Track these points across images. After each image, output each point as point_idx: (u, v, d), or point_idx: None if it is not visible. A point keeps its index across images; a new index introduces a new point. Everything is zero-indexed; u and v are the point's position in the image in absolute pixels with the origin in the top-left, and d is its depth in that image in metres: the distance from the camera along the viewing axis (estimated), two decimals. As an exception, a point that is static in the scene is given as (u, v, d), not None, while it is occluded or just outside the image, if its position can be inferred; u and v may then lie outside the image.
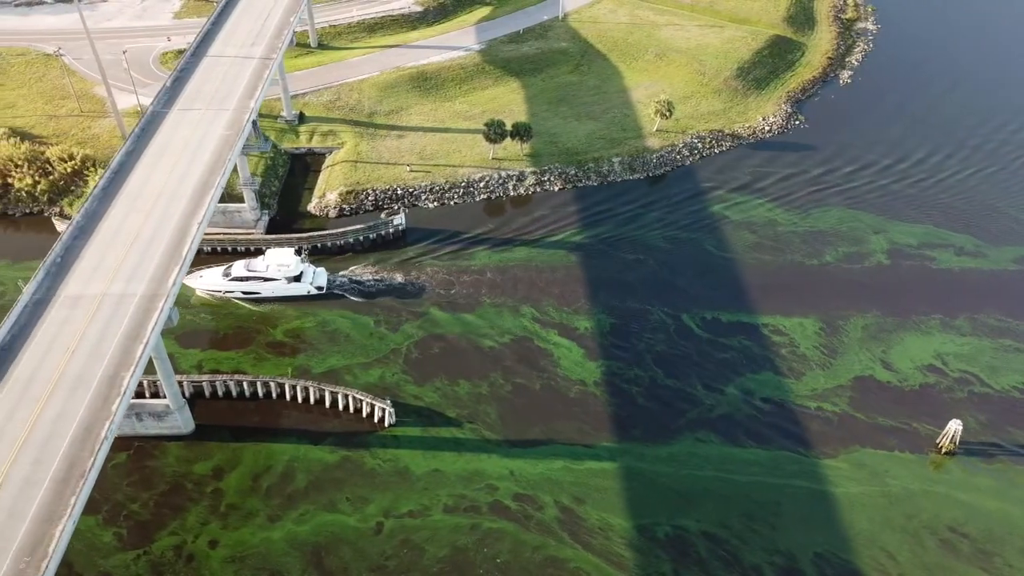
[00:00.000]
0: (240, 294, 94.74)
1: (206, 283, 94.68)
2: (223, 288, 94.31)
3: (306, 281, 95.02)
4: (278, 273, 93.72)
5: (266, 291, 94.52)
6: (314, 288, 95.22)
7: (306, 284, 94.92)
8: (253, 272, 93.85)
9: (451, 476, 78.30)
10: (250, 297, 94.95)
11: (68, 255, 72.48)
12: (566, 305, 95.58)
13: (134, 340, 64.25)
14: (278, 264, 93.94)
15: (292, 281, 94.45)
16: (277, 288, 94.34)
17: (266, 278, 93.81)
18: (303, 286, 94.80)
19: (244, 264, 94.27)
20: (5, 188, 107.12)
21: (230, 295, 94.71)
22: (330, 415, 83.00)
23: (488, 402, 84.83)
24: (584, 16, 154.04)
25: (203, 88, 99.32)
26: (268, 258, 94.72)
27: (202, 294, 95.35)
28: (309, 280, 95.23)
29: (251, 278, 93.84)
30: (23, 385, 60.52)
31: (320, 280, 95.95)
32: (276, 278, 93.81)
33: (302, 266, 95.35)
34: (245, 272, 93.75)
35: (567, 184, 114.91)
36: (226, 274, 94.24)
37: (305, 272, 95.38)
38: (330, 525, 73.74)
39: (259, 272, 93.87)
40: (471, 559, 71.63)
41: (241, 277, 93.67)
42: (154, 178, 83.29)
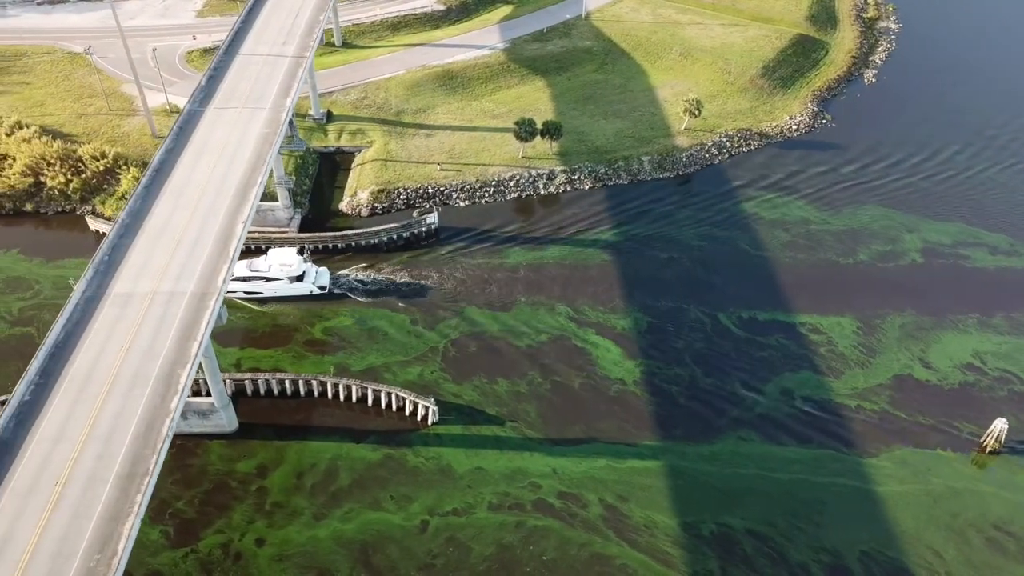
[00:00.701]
0: (243, 294, 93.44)
1: None
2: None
3: (308, 281, 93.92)
4: (280, 273, 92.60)
5: (268, 291, 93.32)
6: (316, 288, 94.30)
7: (308, 284, 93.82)
8: (255, 272, 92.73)
9: (494, 474, 78.37)
10: (252, 297, 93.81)
11: (115, 253, 72.52)
12: (602, 304, 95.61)
13: (187, 338, 64.33)
14: (280, 264, 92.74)
15: (295, 281, 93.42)
16: (279, 288, 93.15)
17: (268, 278, 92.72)
18: (305, 286, 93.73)
19: (246, 264, 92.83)
20: (38, 186, 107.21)
21: (232, 295, 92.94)
22: (371, 413, 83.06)
23: (527, 400, 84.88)
24: (607, 15, 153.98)
25: (238, 86, 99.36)
26: (270, 258, 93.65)
27: None
28: (311, 280, 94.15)
29: (253, 278, 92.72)
30: (80, 382, 60.61)
31: (323, 280, 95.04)
32: (278, 278, 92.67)
33: (304, 266, 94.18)
34: (247, 272, 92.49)
35: (597, 183, 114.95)
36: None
37: (307, 272, 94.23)
38: (375, 523, 73.82)
39: (261, 272, 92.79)
40: (517, 557, 71.71)
41: (243, 277, 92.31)
42: (196, 176, 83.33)
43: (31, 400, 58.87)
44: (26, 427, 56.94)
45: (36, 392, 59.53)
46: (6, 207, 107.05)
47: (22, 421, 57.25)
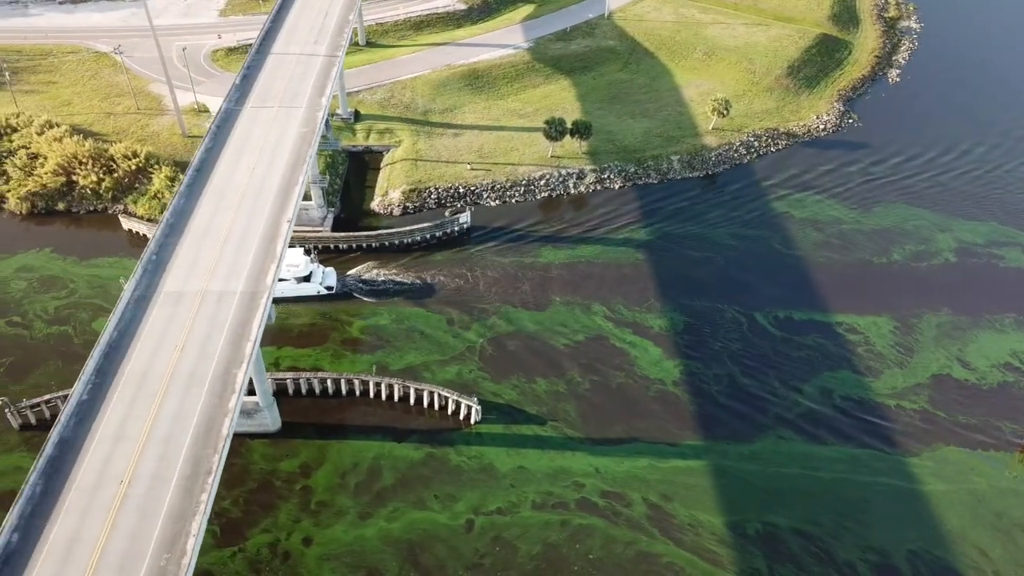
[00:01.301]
0: None
1: None
2: None
3: (315, 281, 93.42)
4: (287, 273, 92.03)
5: (276, 291, 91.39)
6: (323, 288, 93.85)
7: (316, 284, 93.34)
8: None
9: (536, 473, 78.38)
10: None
11: (163, 252, 72.58)
12: (637, 303, 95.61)
13: (241, 337, 64.38)
14: (288, 264, 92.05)
15: (302, 281, 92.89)
16: (287, 288, 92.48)
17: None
18: (313, 286, 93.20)
19: None
20: (70, 185, 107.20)
21: None
22: (412, 412, 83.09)
23: (567, 400, 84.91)
24: (629, 14, 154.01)
25: (273, 85, 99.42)
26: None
27: None
28: (319, 280, 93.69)
29: None
30: (137, 382, 60.64)
31: (330, 280, 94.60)
32: (286, 278, 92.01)
33: (312, 266, 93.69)
34: None
35: (627, 182, 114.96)
36: None
37: (314, 272, 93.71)
38: (421, 523, 73.83)
39: None
40: (564, 555, 71.74)
41: None
42: (237, 175, 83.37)
43: (89, 399, 58.89)
44: (86, 425, 56.98)
45: (94, 391, 59.54)
46: (38, 206, 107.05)
47: (82, 420, 57.29)
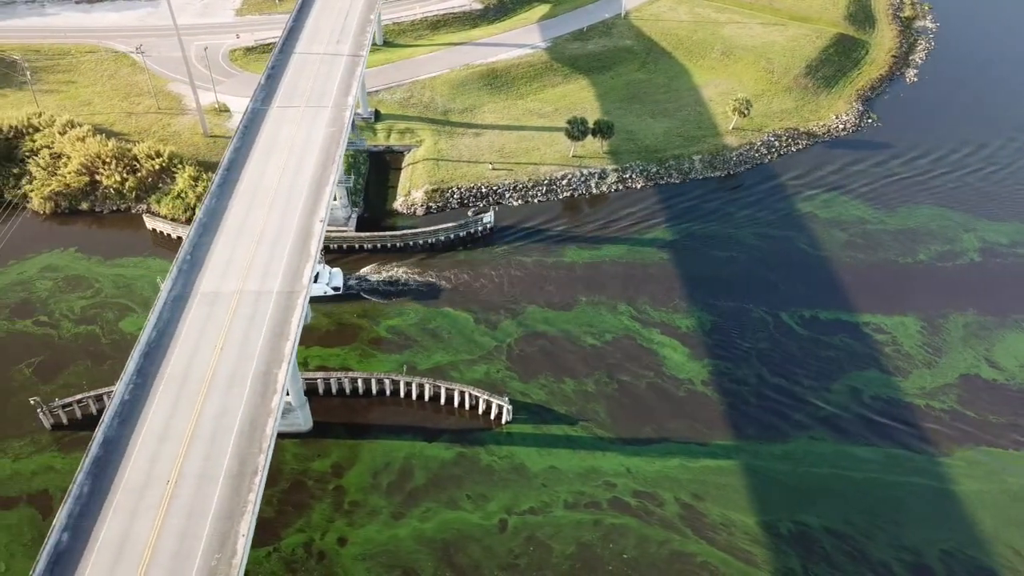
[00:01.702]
0: None
1: None
2: None
3: (323, 282, 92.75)
4: None
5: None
6: (331, 289, 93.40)
7: (323, 285, 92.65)
8: None
9: (568, 473, 78.42)
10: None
11: (197, 252, 72.63)
12: (663, 303, 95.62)
13: (279, 336, 64.43)
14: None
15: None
16: None
17: None
18: (319, 287, 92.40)
19: None
20: (93, 185, 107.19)
21: None
22: (443, 412, 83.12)
23: (596, 400, 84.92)
24: (645, 14, 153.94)
25: (298, 85, 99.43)
26: None
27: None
28: (325, 281, 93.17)
29: None
30: (178, 381, 60.68)
31: (336, 281, 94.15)
32: None
33: (318, 267, 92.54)
34: None
35: (649, 182, 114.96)
36: None
37: (321, 273, 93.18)
38: (454, 523, 73.86)
39: None
40: (598, 555, 71.77)
41: None
42: (267, 175, 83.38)
43: (131, 399, 58.93)
44: (130, 425, 57.00)
45: (136, 391, 59.56)
46: (62, 205, 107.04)
47: (125, 419, 57.31)
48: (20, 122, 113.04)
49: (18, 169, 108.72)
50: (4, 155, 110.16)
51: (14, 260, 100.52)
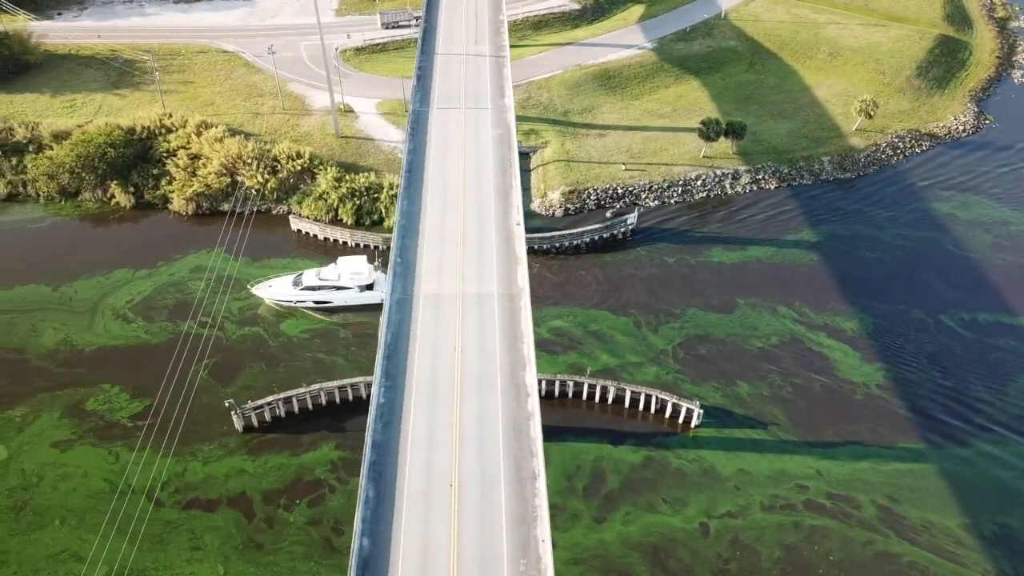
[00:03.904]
0: (311, 303, 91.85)
1: (276, 293, 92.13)
2: (294, 298, 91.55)
3: (378, 289, 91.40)
4: (351, 282, 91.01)
5: (338, 300, 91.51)
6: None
7: (378, 292, 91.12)
8: (325, 281, 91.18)
9: (759, 476, 78.13)
10: (321, 307, 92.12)
11: (405, 255, 72.50)
12: (822, 305, 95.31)
13: (514, 339, 64.22)
14: (351, 272, 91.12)
15: (364, 289, 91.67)
16: (349, 297, 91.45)
17: (338, 287, 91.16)
18: (376, 294, 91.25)
19: (315, 273, 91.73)
20: (234, 185, 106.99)
21: (301, 304, 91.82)
22: (625, 414, 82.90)
23: (772, 403, 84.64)
24: (744, 14, 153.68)
25: (450, 87, 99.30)
26: (340, 266, 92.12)
27: (271, 304, 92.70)
28: (381, 288, 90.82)
29: (323, 287, 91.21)
30: (428, 385, 60.50)
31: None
32: (349, 287, 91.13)
33: (375, 274, 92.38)
34: (317, 281, 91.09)
35: (782, 183, 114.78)
36: (296, 283, 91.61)
37: (377, 280, 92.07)
38: (656, 526, 73.60)
39: (331, 281, 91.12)
40: (805, 558, 71.50)
41: (313, 286, 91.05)
42: (448, 177, 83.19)
43: (387, 403, 58.74)
44: (393, 429, 56.87)
45: (388, 394, 59.39)
46: (203, 206, 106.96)
47: (388, 423, 57.17)
48: (152, 123, 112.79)
49: (156, 170, 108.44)
50: (140, 156, 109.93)
51: (162, 261, 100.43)
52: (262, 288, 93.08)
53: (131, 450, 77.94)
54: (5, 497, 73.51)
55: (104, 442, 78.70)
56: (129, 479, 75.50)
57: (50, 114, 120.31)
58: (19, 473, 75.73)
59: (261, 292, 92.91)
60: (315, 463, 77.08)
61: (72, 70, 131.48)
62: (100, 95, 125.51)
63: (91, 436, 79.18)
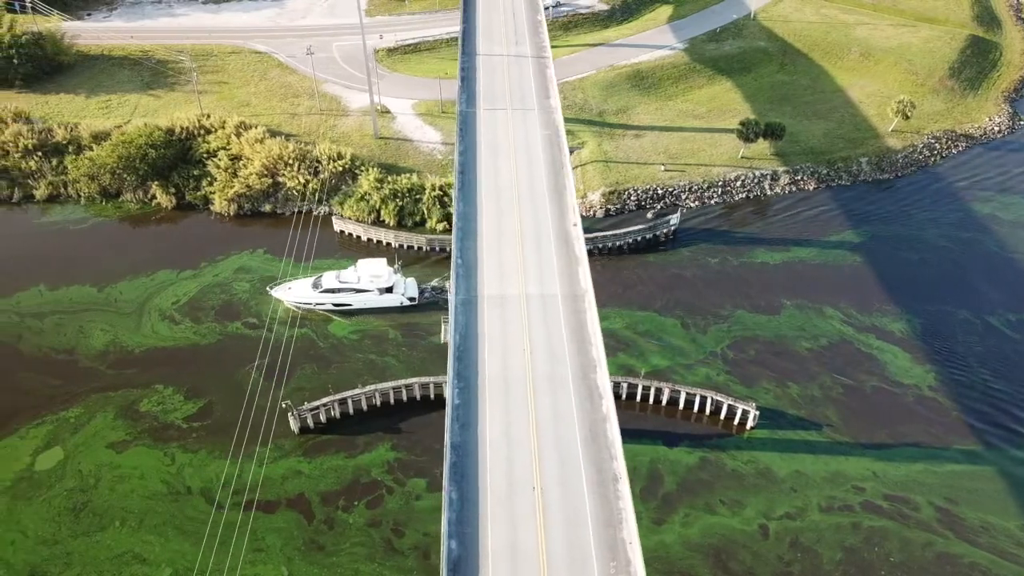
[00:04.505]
0: (331, 306, 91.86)
1: (295, 295, 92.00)
2: (313, 300, 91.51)
3: (398, 292, 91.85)
4: (371, 284, 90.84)
5: (358, 303, 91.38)
6: (406, 299, 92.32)
7: (398, 295, 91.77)
8: (345, 283, 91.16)
9: (814, 477, 77.94)
10: (341, 309, 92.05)
11: (465, 256, 72.30)
12: (868, 307, 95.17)
13: (582, 340, 64.11)
14: (371, 275, 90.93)
15: (384, 292, 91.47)
16: (369, 300, 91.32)
17: (358, 289, 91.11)
18: (395, 297, 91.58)
19: (335, 275, 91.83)
20: (275, 186, 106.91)
21: (320, 307, 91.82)
22: (678, 416, 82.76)
23: (824, 404, 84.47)
24: (772, 15, 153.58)
25: (493, 88, 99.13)
26: (360, 269, 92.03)
27: (290, 306, 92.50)
28: (401, 291, 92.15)
29: (343, 290, 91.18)
30: (500, 386, 60.33)
31: (412, 291, 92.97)
32: (368, 289, 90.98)
33: (395, 277, 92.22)
34: (336, 283, 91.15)
35: (820, 183, 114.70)
36: (316, 285, 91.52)
37: (397, 283, 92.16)
38: (716, 528, 73.43)
39: (351, 283, 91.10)
40: (866, 559, 71.30)
41: (332, 289, 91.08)
42: (501, 178, 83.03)
43: (461, 404, 58.59)
44: (470, 431, 56.68)
45: (462, 395, 59.24)
46: (244, 207, 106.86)
47: (464, 425, 56.99)
48: (191, 124, 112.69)
49: (197, 171, 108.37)
50: (180, 157, 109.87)
51: (205, 262, 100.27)
52: (281, 290, 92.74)
53: (186, 451, 77.92)
54: (64, 498, 73.39)
55: (159, 443, 78.58)
56: (186, 480, 75.56)
57: (86, 115, 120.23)
58: (76, 474, 75.63)
59: (280, 294, 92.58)
60: (371, 464, 76.99)
61: (105, 71, 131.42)
62: (135, 96, 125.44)
63: (146, 437, 79.07)
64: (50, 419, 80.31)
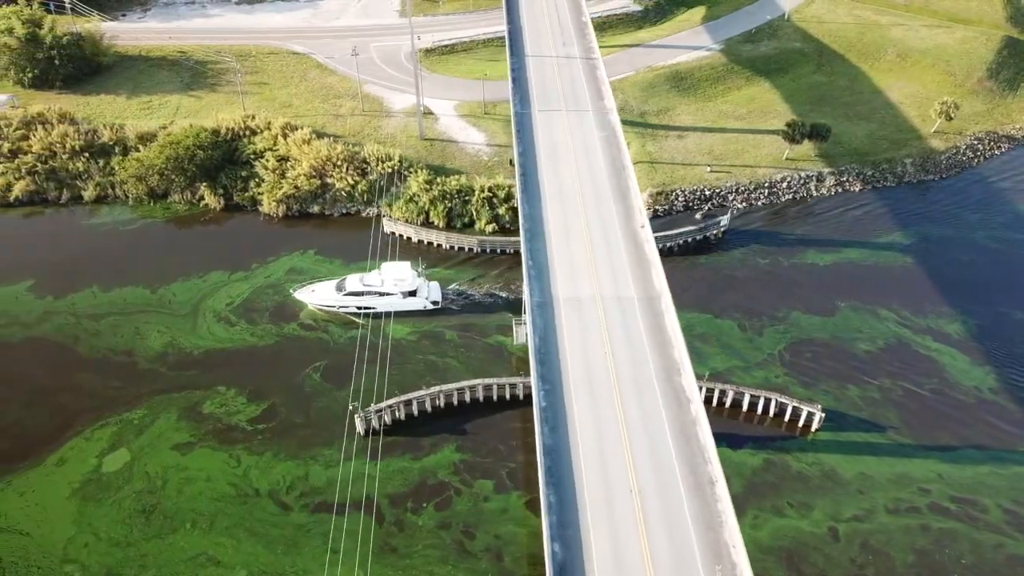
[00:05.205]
0: (354, 309, 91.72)
1: (319, 298, 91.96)
2: (337, 303, 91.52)
3: (422, 296, 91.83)
4: (394, 288, 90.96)
5: (382, 306, 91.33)
6: (430, 303, 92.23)
7: (422, 299, 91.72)
8: (368, 286, 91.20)
9: (880, 479, 77.80)
10: (364, 312, 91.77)
11: (536, 258, 72.24)
12: (921, 308, 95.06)
13: (663, 343, 63.99)
14: (395, 279, 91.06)
15: (408, 296, 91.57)
16: (393, 303, 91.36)
17: (382, 292, 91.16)
18: (419, 301, 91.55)
19: (359, 278, 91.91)
20: (323, 188, 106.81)
21: (344, 310, 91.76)
22: (740, 418, 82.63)
23: (885, 406, 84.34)
24: (806, 15, 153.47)
25: (546, 89, 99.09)
26: (384, 272, 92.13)
27: (314, 309, 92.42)
28: (424, 295, 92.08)
29: (367, 293, 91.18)
30: (586, 388, 60.30)
31: (435, 295, 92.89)
32: (392, 293, 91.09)
33: (419, 281, 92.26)
34: (360, 287, 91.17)
35: (865, 185, 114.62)
36: (339, 288, 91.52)
37: (420, 287, 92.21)
38: (786, 530, 73.32)
39: (375, 287, 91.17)
40: (938, 561, 71.15)
41: (356, 292, 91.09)
42: (563, 180, 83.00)
43: (548, 406, 58.52)
44: (560, 433, 56.62)
45: (548, 398, 59.16)
46: (293, 208, 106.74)
47: (554, 428, 56.93)
48: (236, 124, 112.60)
49: (244, 172, 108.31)
50: (227, 158, 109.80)
51: (256, 263, 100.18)
52: (305, 292, 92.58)
53: (251, 453, 77.79)
54: (134, 501, 73.30)
55: (224, 445, 78.48)
56: (253, 482, 75.42)
57: (128, 116, 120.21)
58: (144, 476, 75.53)
59: (304, 296, 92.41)
60: (437, 466, 76.88)
61: (144, 71, 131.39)
62: (175, 96, 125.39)
63: (210, 439, 78.97)
64: (114, 420, 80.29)
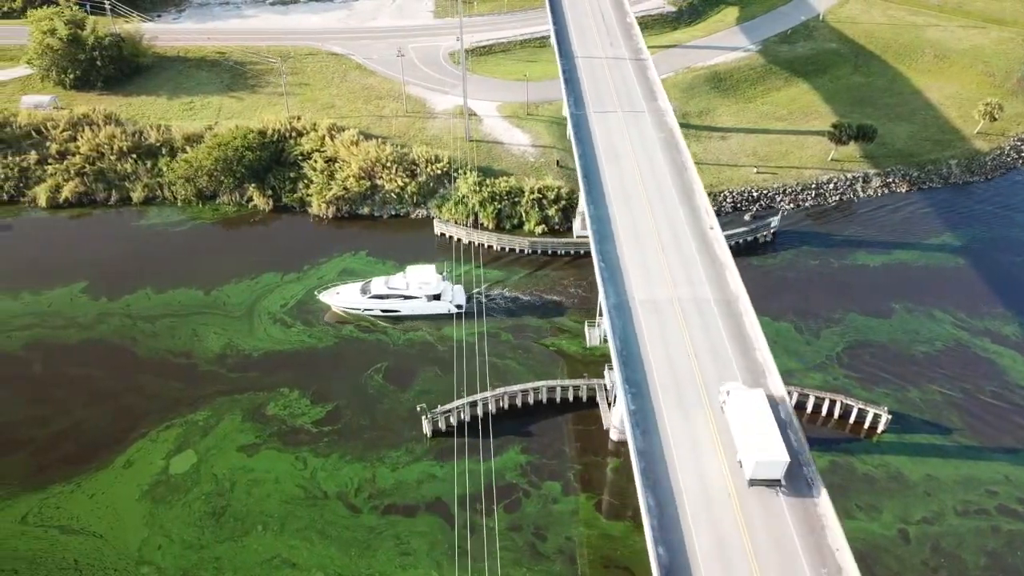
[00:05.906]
0: (379, 312, 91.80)
1: (343, 300, 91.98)
2: (362, 306, 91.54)
3: (446, 299, 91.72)
4: (419, 291, 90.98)
5: (406, 309, 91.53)
6: (454, 307, 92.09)
7: (446, 302, 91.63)
8: (393, 290, 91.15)
9: (946, 482, 77.67)
10: (389, 315, 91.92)
11: (607, 259, 72.12)
12: (977, 310, 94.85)
13: (745, 346, 63.90)
14: (419, 282, 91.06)
15: (432, 299, 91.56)
16: (417, 306, 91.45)
17: (407, 296, 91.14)
18: (443, 304, 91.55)
19: (384, 281, 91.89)
20: (373, 189, 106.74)
21: (369, 313, 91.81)
22: (804, 419, 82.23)
23: (947, 408, 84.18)
24: (841, 16, 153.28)
25: (599, 90, 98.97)
26: (408, 276, 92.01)
27: (338, 311, 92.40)
28: (449, 298, 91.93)
29: (391, 296, 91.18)
30: (673, 390, 60.18)
31: (460, 298, 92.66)
32: (417, 296, 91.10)
33: (443, 284, 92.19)
34: (385, 290, 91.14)
35: (912, 186, 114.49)
36: (364, 291, 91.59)
37: (445, 290, 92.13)
38: (856, 532, 72.89)
39: (399, 290, 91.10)
40: (1010, 564, 71.05)
41: (381, 295, 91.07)
42: (627, 181, 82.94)
43: (637, 409, 58.41)
44: (653, 437, 56.54)
45: (636, 401, 59.05)
46: (342, 210, 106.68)
47: (645, 431, 56.85)
48: (282, 126, 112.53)
49: (293, 173, 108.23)
50: (274, 159, 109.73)
51: (308, 265, 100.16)
52: (329, 295, 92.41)
53: (318, 455, 77.75)
54: (203, 503, 73.26)
55: (289, 447, 78.45)
56: (321, 484, 75.33)
57: (171, 116, 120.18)
58: (211, 478, 75.48)
59: (328, 299, 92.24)
60: (504, 467, 76.81)
61: (184, 72, 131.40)
62: (216, 97, 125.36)
63: (275, 441, 78.96)
64: (178, 422, 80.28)
